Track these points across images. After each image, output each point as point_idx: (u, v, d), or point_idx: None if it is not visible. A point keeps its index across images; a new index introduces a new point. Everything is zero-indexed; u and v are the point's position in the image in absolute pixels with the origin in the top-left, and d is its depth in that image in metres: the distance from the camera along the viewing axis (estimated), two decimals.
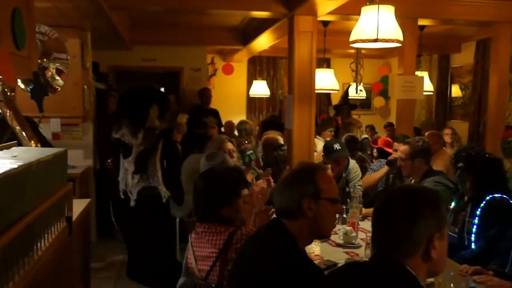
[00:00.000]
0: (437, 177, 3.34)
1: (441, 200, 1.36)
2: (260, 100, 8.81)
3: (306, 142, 4.20)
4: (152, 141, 3.65)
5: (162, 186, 3.68)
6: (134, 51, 6.96)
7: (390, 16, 3.10)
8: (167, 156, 3.74)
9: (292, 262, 1.59)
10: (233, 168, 2.78)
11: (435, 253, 1.29)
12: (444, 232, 1.34)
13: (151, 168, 3.66)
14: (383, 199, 1.39)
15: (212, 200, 2.20)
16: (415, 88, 4.50)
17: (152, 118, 3.63)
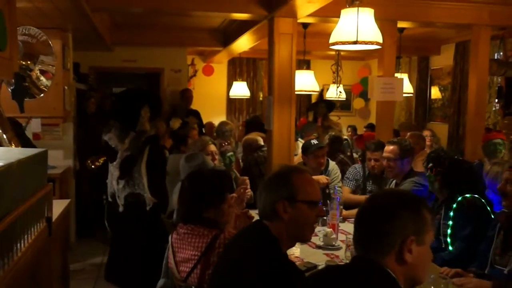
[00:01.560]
0: (417, 178, 3.40)
1: (425, 206, 1.35)
2: (240, 101, 8.82)
3: (286, 143, 4.22)
4: (138, 147, 3.58)
5: (147, 193, 3.61)
6: (115, 52, 6.91)
7: (370, 19, 3.14)
8: (153, 163, 3.67)
9: (272, 264, 1.59)
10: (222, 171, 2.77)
11: (411, 257, 1.28)
12: (425, 239, 1.32)
13: (137, 174, 3.61)
14: (367, 200, 1.42)
15: (197, 201, 2.19)
16: (394, 89, 4.55)
17: (142, 120, 3.58)
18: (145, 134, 3.60)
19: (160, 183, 3.72)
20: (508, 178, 2.40)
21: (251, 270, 1.59)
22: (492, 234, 2.50)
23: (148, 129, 3.61)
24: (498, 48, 5.75)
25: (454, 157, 2.87)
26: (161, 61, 7.31)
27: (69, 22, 4.54)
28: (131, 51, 7.02)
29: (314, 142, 3.95)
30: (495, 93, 5.74)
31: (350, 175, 4.01)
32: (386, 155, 3.49)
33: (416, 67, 7.98)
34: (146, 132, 3.61)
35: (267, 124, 4.42)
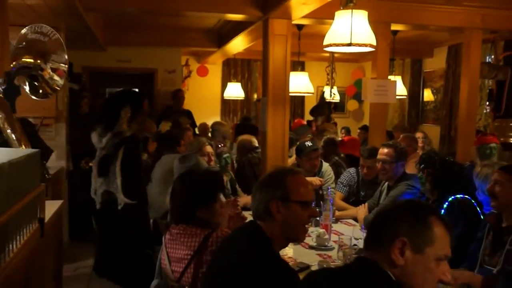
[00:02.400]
0: (410, 180, 3.42)
1: (437, 218, 1.32)
2: (234, 103, 8.83)
3: (280, 144, 4.23)
4: (114, 147, 3.65)
5: (120, 194, 3.68)
6: (109, 52, 6.88)
7: (364, 21, 3.16)
8: (128, 164, 3.70)
9: (265, 264, 1.60)
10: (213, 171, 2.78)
11: (402, 261, 1.27)
12: (426, 249, 1.28)
13: (111, 174, 3.67)
14: None
15: (189, 200, 2.20)
16: (387, 92, 4.58)
17: (121, 121, 3.64)
18: (122, 135, 3.66)
19: (135, 184, 3.76)
20: (497, 179, 2.44)
21: (244, 269, 1.59)
22: (481, 235, 2.53)
23: (125, 130, 3.67)
24: (489, 52, 5.80)
25: (445, 159, 2.90)
26: (155, 62, 7.30)
27: (61, 21, 4.52)
28: (125, 51, 7.01)
29: (308, 144, 3.97)
30: (486, 96, 5.79)
31: (344, 180, 4.00)
32: (381, 158, 3.49)
33: (410, 70, 8.04)
34: (122, 133, 3.66)
35: (261, 126, 4.43)
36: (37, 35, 2.99)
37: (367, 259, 1.34)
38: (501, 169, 2.48)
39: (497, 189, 2.41)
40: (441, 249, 1.30)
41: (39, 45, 3.00)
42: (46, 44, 3.07)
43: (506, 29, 4.75)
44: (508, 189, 2.37)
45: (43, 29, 3.05)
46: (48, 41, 3.08)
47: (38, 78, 3.01)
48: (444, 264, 1.32)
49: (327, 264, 2.52)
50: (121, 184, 3.66)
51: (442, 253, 1.30)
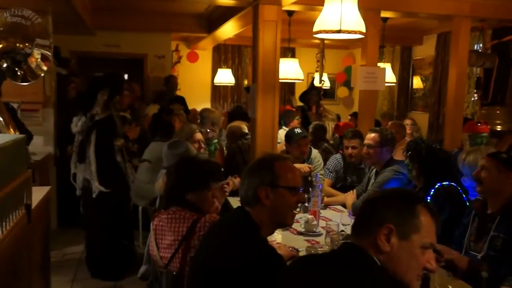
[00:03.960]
0: (397, 166, 3.45)
1: (425, 207, 1.34)
2: (224, 89, 8.79)
3: (269, 131, 4.23)
4: (87, 132, 3.69)
5: (94, 181, 3.69)
6: (97, 36, 6.79)
7: (353, 8, 3.15)
8: (101, 149, 3.72)
9: (253, 250, 1.61)
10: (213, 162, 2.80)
11: (387, 247, 1.29)
12: (412, 237, 1.29)
13: (88, 160, 3.68)
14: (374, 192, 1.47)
15: (181, 182, 2.23)
16: (377, 79, 4.58)
17: (97, 104, 3.64)
18: (92, 118, 3.67)
19: (111, 171, 3.77)
20: (484, 165, 2.46)
21: (232, 255, 1.61)
22: (467, 221, 2.57)
23: (98, 113, 3.67)
24: (478, 40, 5.83)
25: (431, 146, 2.92)
26: (144, 47, 7.22)
27: (48, 4, 4.45)
28: (114, 36, 6.92)
29: (297, 131, 3.98)
30: (474, 83, 5.84)
31: (331, 166, 4.04)
32: (366, 142, 3.55)
33: (399, 57, 8.04)
34: (95, 116, 3.67)
35: (251, 112, 4.43)
36: (18, 19, 2.93)
37: (354, 245, 1.36)
38: (489, 156, 2.50)
39: (483, 175, 2.44)
40: (427, 237, 1.32)
41: (22, 29, 2.95)
42: (29, 28, 3.02)
43: (494, 17, 4.78)
44: (494, 175, 2.40)
45: (24, 12, 3.00)
46: (31, 25, 3.04)
47: (22, 64, 2.96)
48: (429, 252, 1.34)
49: (314, 250, 2.55)
50: (95, 171, 3.65)
51: (427, 241, 1.32)
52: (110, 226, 3.96)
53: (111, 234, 4.00)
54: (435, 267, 1.36)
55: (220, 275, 1.59)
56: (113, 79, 3.93)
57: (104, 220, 3.94)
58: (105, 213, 3.90)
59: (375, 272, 1.29)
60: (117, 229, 4.02)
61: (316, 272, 1.32)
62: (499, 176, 2.40)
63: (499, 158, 2.44)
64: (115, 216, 3.96)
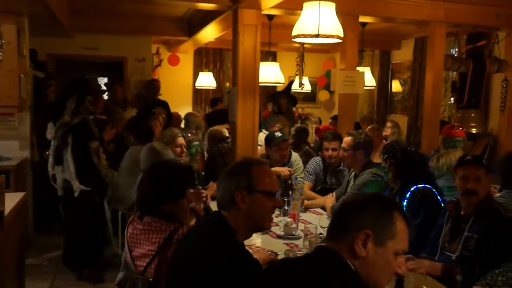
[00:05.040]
0: (375, 169, 3.49)
1: (400, 214, 1.36)
2: (206, 92, 8.77)
3: (250, 134, 4.25)
4: (62, 137, 3.85)
5: (75, 181, 3.87)
6: (75, 38, 6.70)
7: (331, 13, 3.18)
8: (78, 151, 3.87)
9: (229, 254, 1.61)
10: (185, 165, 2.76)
11: (363, 252, 1.30)
12: (387, 243, 1.31)
13: (66, 162, 3.87)
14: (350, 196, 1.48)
15: (156, 193, 2.17)
16: (356, 82, 4.64)
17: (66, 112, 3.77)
18: (66, 125, 3.83)
19: (89, 171, 3.92)
20: (476, 175, 2.42)
21: (207, 260, 1.60)
22: (442, 222, 2.61)
23: (68, 120, 3.84)
24: (453, 45, 5.95)
25: (407, 149, 2.97)
26: (124, 50, 7.15)
27: (23, 5, 4.37)
28: (93, 39, 6.83)
29: (278, 135, 3.98)
30: (450, 87, 5.95)
31: (311, 168, 4.06)
32: (342, 145, 3.63)
33: (379, 61, 8.15)
34: (67, 123, 3.83)
35: (231, 116, 4.43)
36: None
37: (328, 249, 1.36)
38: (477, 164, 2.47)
39: (476, 185, 2.41)
40: (400, 243, 1.34)
41: None
42: None
43: (468, 23, 4.89)
44: (485, 183, 2.43)
45: None
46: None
47: None
48: (400, 257, 1.36)
49: (293, 253, 2.56)
50: (75, 172, 3.79)
51: (400, 247, 1.35)
52: (90, 225, 4.02)
53: (91, 233, 4.08)
54: (405, 272, 1.38)
55: (196, 280, 1.59)
56: (80, 85, 4.02)
57: (85, 219, 4.03)
58: (87, 211, 4.02)
59: (349, 277, 1.30)
60: (96, 228, 4.08)
61: (290, 276, 1.32)
62: (487, 183, 2.45)
63: (483, 164, 2.48)
64: (95, 215, 4.04)
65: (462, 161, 2.57)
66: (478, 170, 2.44)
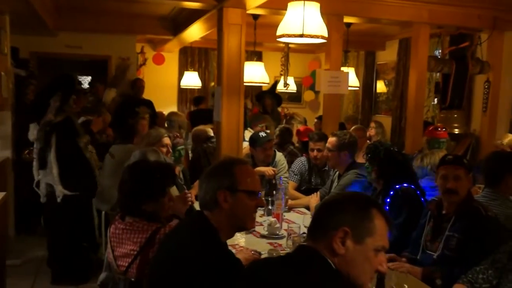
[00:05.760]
0: (359, 169, 3.51)
1: (378, 211, 1.37)
2: (191, 92, 8.73)
3: (234, 134, 4.24)
4: (45, 138, 3.64)
5: (57, 185, 3.66)
6: (59, 37, 6.63)
7: (316, 13, 3.19)
8: (63, 153, 3.68)
9: (211, 254, 1.60)
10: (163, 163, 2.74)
11: (342, 250, 1.31)
12: (366, 240, 1.32)
13: (49, 165, 3.64)
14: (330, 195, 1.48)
15: (136, 193, 2.15)
16: (340, 83, 4.66)
17: (50, 110, 3.60)
18: (49, 124, 3.63)
19: (75, 174, 3.73)
20: (456, 174, 2.44)
21: (189, 260, 1.60)
22: (423, 222, 2.64)
23: (52, 119, 3.64)
24: (437, 46, 6.02)
25: (389, 149, 2.98)
26: (108, 48, 7.08)
27: (5, 3, 4.31)
28: (76, 37, 6.76)
29: (262, 135, 3.98)
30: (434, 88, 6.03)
31: (296, 168, 4.07)
32: (327, 146, 3.64)
33: (363, 62, 8.21)
34: (50, 122, 3.63)
35: (216, 116, 4.42)
36: None
37: (309, 248, 1.37)
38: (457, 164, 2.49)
39: (458, 185, 2.43)
40: (380, 240, 1.35)
41: None
42: None
43: (452, 24, 4.95)
44: (465, 182, 2.46)
45: None
46: None
47: None
48: (381, 255, 1.37)
49: (276, 252, 2.56)
50: (57, 175, 3.60)
51: (380, 244, 1.36)
52: (74, 229, 3.90)
53: (74, 237, 3.93)
54: (386, 269, 1.39)
55: (177, 280, 1.58)
56: (64, 82, 3.85)
57: (68, 225, 3.88)
58: (70, 217, 3.84)
59: (329, 275, 1.31)
60: (81, 232, 3.96)
61: (270, 275, 1.32)
62: (467, 182, 2.47)
63: (463, 164, 2.50)
64: (80, 220, 3.90)
65: (443, 160, 2.59)
66: (458, 170, 2.47)
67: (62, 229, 3.86)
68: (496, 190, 2.77)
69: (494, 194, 2.76)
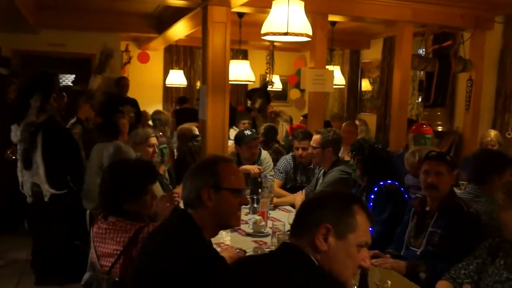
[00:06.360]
0: (343, 166, 3.54)
1: (361, 207, 1.37)
2: (177, 90, 8.68)
3: (220, 132, 4.22)
4: (29, 138, 3.59)
5: (44, 184, 3.60)
6: (42, 35, 6.53)
7: (300, 11, 3.21)
8: (50, 151, 3.62)
9: (194, 252, 1.60)
10: (144, 161, 2.71)
11: (325, 246, 1.32)
12: (348, 236, 1.33)
13: (34, 165, 3.59)
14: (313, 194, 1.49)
15: (117, 192, 2.13)
16: (325, 81, 4.68)
17: (31, 111, 3.54)
18: (32, 124, 3.58)
19: (62, 172, 3.67)
20: (438, 170, 2.48)
21: (173, 258, 1.59)
22: (407, 218, 2.67)
23: (34, 119, 3.59)
24: (420, 44, 6.08)
25: (374, 146, 3.01)
26: (92, 46, 6.98)
27: None
28: (59, 35, 6.66)
29: (247, 133, 3.98)
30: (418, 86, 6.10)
31: (281, 167, 4.08)
32: (311, 144, 3.66)
33: (349, 60, 8.26)
34: (34, 122, 3.58)
35: (201, 114, 4.40)
36: None
37: (292, 245, 1.37)
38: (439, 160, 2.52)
39: (438, 180, 2.47)
40: (362, 236, 1.36)
41: None
42: None
43: (435, 23, 5.01)
44: (447, 178, 2.49)
45: None
46: None
47: None
48: (364, 251, 1.38)
49: (261, 250, 2.56)
50: (44, 174, 3.54)
51: (363, 240, 1.37)
52: (63, 229, 3.85)
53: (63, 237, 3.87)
54: (369, 265, 1.40)
55: (161, 279, 1.57)
56: (44, 81, 3.77)
57: (57, 224, 3.82)
58: (59, 216, 3.78)
59: (312, 271, 1.31)
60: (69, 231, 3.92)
61: (254, 274, 1.32)
62: (449, 178, 2.50)
63: (446, 160, 2.53)
64: (70, 218, 3.86)
65: (426, 156, 2.63)
66: (440, 166, 2.50)
67: (51, 229, 3.80)
68: (482, 187, 2.80)
69: (480, 191, 2.78)
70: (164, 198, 2.66)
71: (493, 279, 1.93)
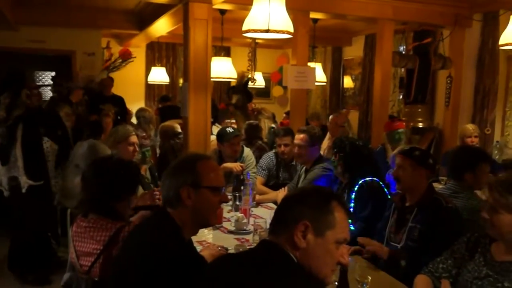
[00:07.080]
0: (325, 163, 3.56)
1: (339, 204, 1.38)
2: (159, 87, 8.62)
3: (202, 130, 4.21)
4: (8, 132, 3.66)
5: (22, 176, 3.68)
6: (21, 31, 6.43)
7: (281, 8, 3.20)
8: (29, 143, 3.71)
9: (174, 252, 1.59)
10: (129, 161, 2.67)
11: (304, 243, 1.32)
12: (326, 233, 1.33)
13: (13, 158, 3.67)
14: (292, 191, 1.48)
15: (103, 192, 2.08)
16: (307, 78, 4.70)
17: (1, 108, 3.60)
18: (4, 120, 3.67)
19: (39, 164, 3.79)
20: (399, 163, 2.57)
21: (151, 258, 1.58)
22: (388, 214, 2.69)
23: (4, 116, 3.68)
24: (401, 42, 6.14)
25: (355, 143, 3.03)
26: (72, 43, 6.91)
27: None
28: (39, 31, 6.57)
29: (229, 130, 3.98)
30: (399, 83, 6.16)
31: (264, 164, 4.09)
32: (297, 142, 3.63)
33: (331, 57, 8.30)
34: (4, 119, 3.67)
35: (183, 111, 4.38)
36: None
37: (271, 242, 1.38)
38: (402, 154, 2.61)
39: (400, 173, 2.55)
40: (341, 233, 1.37)
41: None
42: None
43: (415, 20, 5.07)
44: (409, 172, 2.53)
45: None
46: None
47: None
48: (343, 247, 1.39)
49: (243, 248, 2.55)
50: (23, 166, 3.58)
51: (341, 237, 1.37)
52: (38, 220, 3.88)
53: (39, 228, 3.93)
54: (348, 261, 1.41)
55: (140, 279, 1.56)
56: (12, 80, 3.83)
57: (33, 216, 3.86)
58: (35, 207, 3.84)
59: (291, 269, 1.31)
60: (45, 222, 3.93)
61: (232, 272, 1.32)
62: (413, 173, 2.53)
63: (411, 156, 2.57)
64: (44, 210, 3.87)
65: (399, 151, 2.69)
66: (405, 160, 2.55)
67: (28, 221, 3.83)
68: (461, 183, 2.83)
69: (459, 187, 2.82)
70: (144, 196, 2.64)
71: (472, 275, 1.96)
